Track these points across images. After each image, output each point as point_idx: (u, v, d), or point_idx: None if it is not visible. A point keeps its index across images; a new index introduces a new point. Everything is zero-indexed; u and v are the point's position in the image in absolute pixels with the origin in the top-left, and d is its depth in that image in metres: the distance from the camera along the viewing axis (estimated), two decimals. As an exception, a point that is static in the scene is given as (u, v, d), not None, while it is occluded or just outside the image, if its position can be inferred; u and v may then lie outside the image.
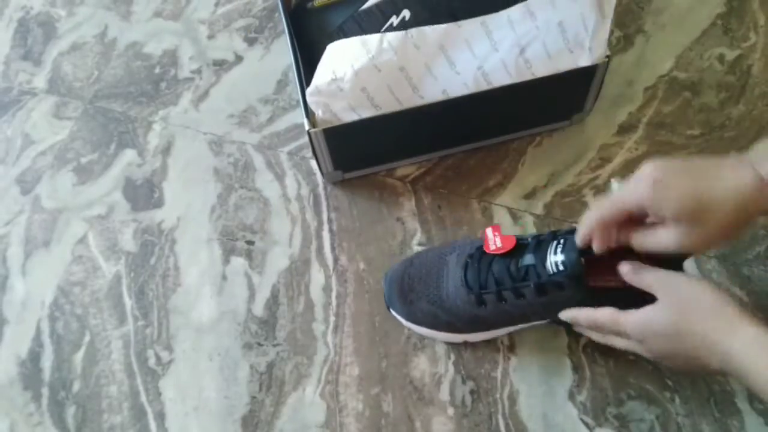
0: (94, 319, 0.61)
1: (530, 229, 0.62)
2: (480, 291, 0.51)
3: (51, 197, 0.68)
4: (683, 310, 0.42)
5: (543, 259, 0.49)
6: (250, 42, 0.77)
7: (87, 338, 0.60)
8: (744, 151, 0.61)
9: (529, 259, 0.50)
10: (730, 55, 0.69)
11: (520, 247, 0.51)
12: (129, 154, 0.70)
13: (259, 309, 0.60)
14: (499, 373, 0.55)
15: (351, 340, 0.58)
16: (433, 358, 0.56)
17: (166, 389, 0.57)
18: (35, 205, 0.68)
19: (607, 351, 0.55)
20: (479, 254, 0.53)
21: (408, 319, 0.56)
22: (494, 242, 0.51)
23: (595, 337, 0.50)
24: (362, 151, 0.63)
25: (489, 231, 0.52)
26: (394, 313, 0.57)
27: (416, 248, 0.62)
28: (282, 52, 0.75)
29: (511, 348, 0.56)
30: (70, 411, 0.57)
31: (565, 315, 0.49)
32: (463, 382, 0.55)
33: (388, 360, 0.57)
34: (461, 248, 0.55)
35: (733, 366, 0.39)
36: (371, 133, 0.60)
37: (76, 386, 0.58)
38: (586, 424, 0.52)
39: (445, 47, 0.57)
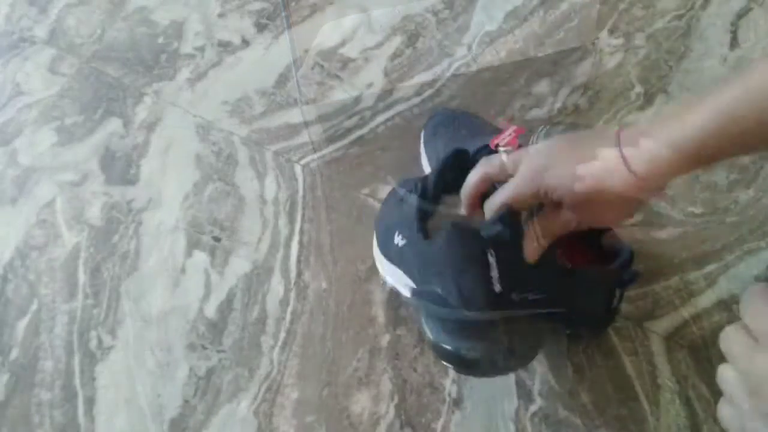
0: (45, 289, 0.59)
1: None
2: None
3: (27, 153, 0.66)
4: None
5: None
6: (260, 28, 0.74)
7: (34, 307, 0.59)
8: (740, 242, 0.59)
9: None
10: (752, 134, 0.65)
11: None
12: (114, 123, 0.68)
13: (211, 310, 0.58)
14: (439, 426, 0.53)
15: (297, 361, 0.56)
16: (376, 397, 0.54)
17: (101, 375, 0.56)
18: (11, 159, 0.66)
19: (555, 423, 0.53)
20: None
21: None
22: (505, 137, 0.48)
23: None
24: None
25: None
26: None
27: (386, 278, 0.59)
28: (289, 45, 0.72)
29: (458, 402, 0.54)
30: (3, 378, 0.56)
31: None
32: (401, 427, 0.53)
33: (329, 389, 0.55)
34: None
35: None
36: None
37: (13, 354, 0.57)
38: (517, 497, 0.50)
39: None
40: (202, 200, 0.63)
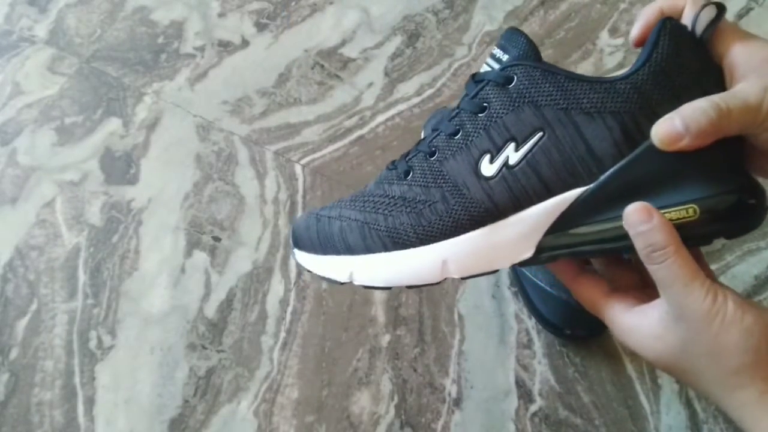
0: (45, 289, 0.59)
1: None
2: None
3: (28, 153, 0.66)
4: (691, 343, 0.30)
5: None
6: (260, 28, 0.74)
7: (34, 306, 0.59)
8: (740, 242, 0.58)
9: None
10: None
11: None
12: (114, 123, 0.68)
13: (211, 310, 0.58)
14: (439, 426, 0.53)
15: (297, 361, 0.56)
16: (376, 397, 0.54)
17: (101, 375, 0.56)
18: (11, 159, 0.66)
19: (555, 423, 0.53)
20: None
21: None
22: None
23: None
24: None
25: None
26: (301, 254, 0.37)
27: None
28: (290, 45, 0.72)
29: (458, 402, 0.54)
30: (3, 378, 0.56)
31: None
32: (401, 427, 0.53)
33: (329, 389, 0.55)
34: None
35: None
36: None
37: (13, 353, 0.57)
38: (517, 497, 0.50)
39: None
40: (202, 200, 0.63)
